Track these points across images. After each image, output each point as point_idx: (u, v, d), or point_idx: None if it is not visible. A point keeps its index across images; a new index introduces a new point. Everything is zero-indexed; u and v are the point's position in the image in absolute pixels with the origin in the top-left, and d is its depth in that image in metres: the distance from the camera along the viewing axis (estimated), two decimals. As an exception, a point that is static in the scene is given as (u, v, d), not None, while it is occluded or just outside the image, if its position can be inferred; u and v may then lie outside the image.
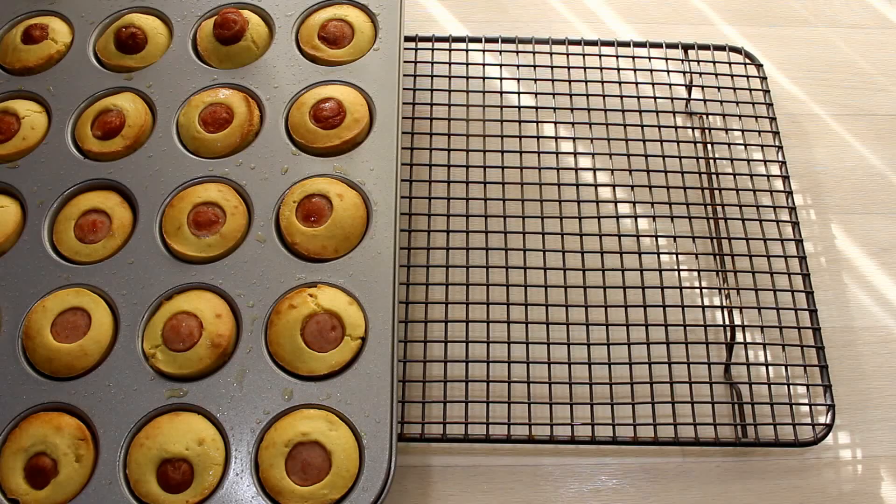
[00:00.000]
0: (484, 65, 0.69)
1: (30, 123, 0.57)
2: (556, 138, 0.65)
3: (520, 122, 0.66)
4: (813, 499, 0.54)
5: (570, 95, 0.67)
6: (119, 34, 0.61)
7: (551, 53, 0.69)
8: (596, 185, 0.63)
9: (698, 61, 0.69)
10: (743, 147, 0.66)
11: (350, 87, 0.59)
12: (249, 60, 0.60)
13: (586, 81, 0.67)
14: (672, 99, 0.67)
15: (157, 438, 0.46)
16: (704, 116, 0.67)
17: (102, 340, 0.49)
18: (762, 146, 0.66)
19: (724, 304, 0.59)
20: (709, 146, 0.66)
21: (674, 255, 0.60)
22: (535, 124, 0.66)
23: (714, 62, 0.69)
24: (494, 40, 0.69)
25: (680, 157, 0.64)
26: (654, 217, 0.62)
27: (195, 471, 0.46)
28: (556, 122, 0.66)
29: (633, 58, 0.69)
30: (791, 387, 0.56)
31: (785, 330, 0.58)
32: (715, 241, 0.62)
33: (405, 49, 0.62)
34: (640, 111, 0.66)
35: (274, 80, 0.59)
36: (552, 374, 0.56)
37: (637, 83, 0.68)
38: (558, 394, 0.55)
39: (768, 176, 0.64)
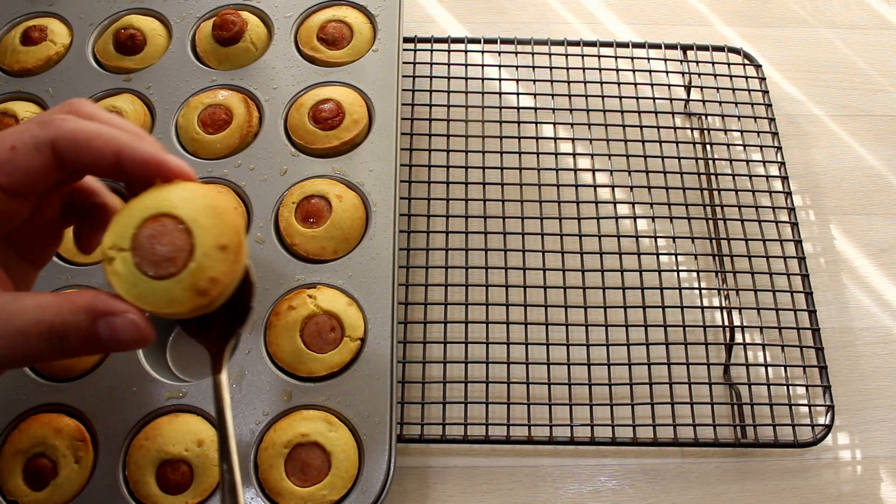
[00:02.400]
0: (483, 66, 0.69)
1: (29, 125, 0.57)
2: (555, 139, 0.65)
3: (519, 122, 0.66)
4: (812, 499, 0.54)
5: (569, 96, 0.67)
6: (118, 35, 0.61)
7: (550, 54, 0.69)
8: (595, 186, 0.63)
9: (697, 62, 0.69)
10: (742, 148, 0.66)
11: (349, 88, 0.59)
12: (248, 61, 0.61)
13: (585, 82, 0.67)
14: (671, 100, 0.67)
15: (156, 440, 0.46)
16: (703, 117, 0.68)
17: (101, 342, 0.49)
18: (761, 147, 0.66)
19: (724, 304, 0.59)
20: (708, 147, 0.66)
21: (673, 256, 0.60)
22: (534, 125, 0.66)
23: (713, 63, 0.69)
24: (493, 41, 0.69)
25: (679, 158, 0.64)
26: (653, 218, 0.62)
27: (195, 472, 0.46)
28: (554, 123, 0.66)
29: (632, 59, 0.69)
30: (790, 387, 0.56)
31: (784, 331, 0.58)
32: (714, 241, 0.62)
33: (404, 50, 0.62)
34: (639, 112, 0.66)
35: (273, 82, 0.59)
36: (551, 374, 0.56)
37: (636, 84, 0.68)
38: (557, 395, 0.55)
39: (767, 176, 0.64)
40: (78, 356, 0.30)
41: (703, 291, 0.60)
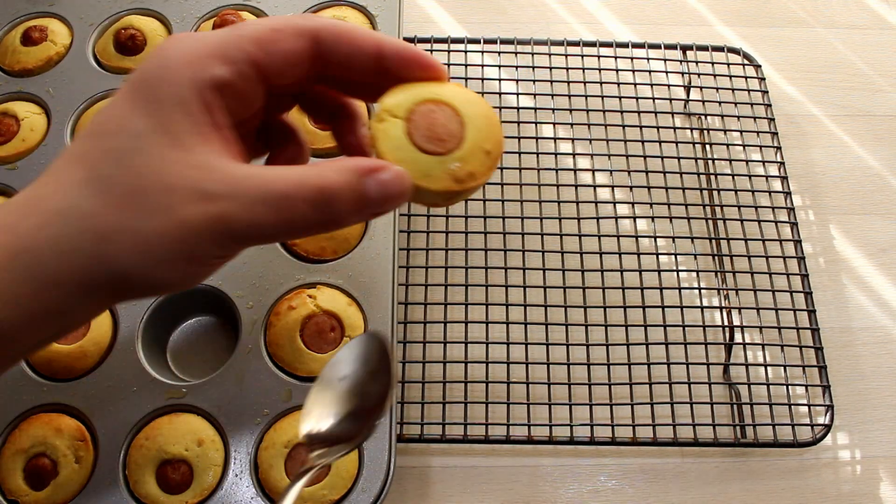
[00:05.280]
0: (482, 66, 0.69)
1: (29, 125, 0.57)
2: (554, 139, 0.65)
3: (518, 123, 0.66)
4: (811, 499, 0.54)
5: (569, 96, 0.67)
6: (118, 36, 0.61)
7: (550, 54, 0.69)
8: (595, 186, 0.63)
9: (697, 62, 0.69)
10: (741, 148, 0.66)
11: (349, 88, 0.59)
12: (248, 62, 0.60)
13: (585, 82, 0.67)
14: (670, 100, 0.68)
15: (156, 439, 0.46)
16: (703, 117, 0.68)
17: (102, 342, 0.49)
18: (761, 147, 0.66)
19: (723, 304, 0.59)
20: (707, 147, 0.66)
21: (672, 256, 0.60)
22: (533, 125, 0.66)
23: (712, 63, 0.69)
24: (493, 41, 0.69)
25: (678, 158, 0.64)
26: (652, 218, 0.62)
27: (195, 472, 0.46)
28: (554, 123, 0.66)
29: (632, 59, 0.69)
30: (790, 387, 0.56)
31: (784, 330, 0.58)
32: (714, 241, 0.62)
33: (404, 50, 0.62)
34: (639, 112, 0.66)
35: (273, 82, 0.59)
36: (551, 374, 0.56)
37: (635, 84, 0.68)
38: (557, 394, 0.56)
39: (767, 176, 0.64)
40: (340, 226, 0.28)
41: (702, 291, 0.60)
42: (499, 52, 0.69)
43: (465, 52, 0.69)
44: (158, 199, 0.25)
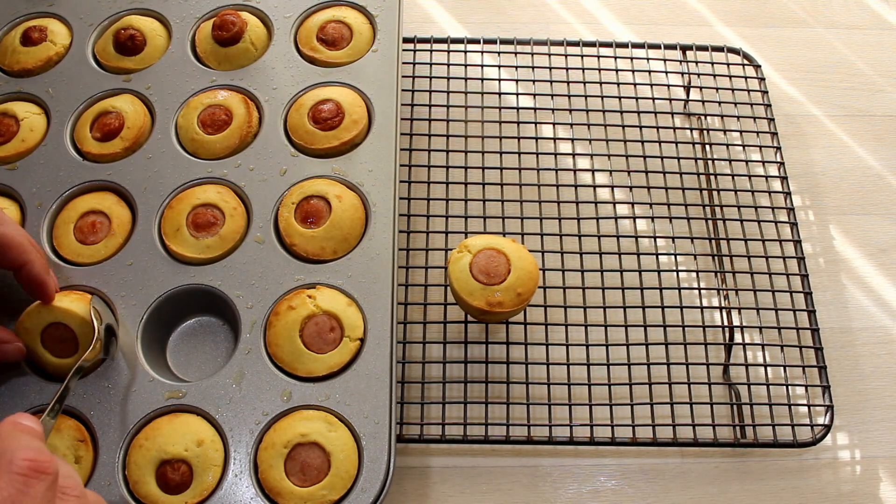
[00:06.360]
0: (482, 66, 0.69)
1: (29, 125, 0.57)
2: (554, 139, 0.65)
3: (518, 123, 0.66)
4: (811, 499, 0.54)
5: (569, 96, 0.67)
6: (118, 36, 0.61)
7: (549, 55, 0.69)
8: (594, 186, 0.63)
9: (696, 62, 0.69)
10: (741, 148, 0.66)
11: (349, 88, 0.59)
12: (248, 62, 0.61)
13: (585, 83, 0.68)
14: (670, 100, 0.68)
15: (156, 440, 0.46)
16: (703, 117, 0.68)
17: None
18: (760, 147, 0.66)
19: (723, 304, 0.59)
20: (707, 147, 0.66)
21: (672, 256, 0.60)
22: (533, 125, 0.66)
23: (712, 63, 0.69)
24: (493, 41, 0.69)
25: (678, 158, 0.64)
26: (652, 218, 0.62)
27: (194, 472, 0.46)
28: (554, 123, 0.66)
29: (632, 59, 0.69)
30: (790, 387, 0.56)
31: (783, 331, 0.58)
32: (713, 241, 0.62)
33: (404, 50, 0.62)
34: (639, 112, 0.66)
35: (273, 82, 0.59)
36: (550, 374, 0.56)
37: (635, 84, 0.68)
38: (557, 395, 0.56)
39: (767, 177, 0.64)
40: None
41: (702, 291, 0.60)
42: (499, 52, 0.69)
43: (465, 52, 0.69)
44: None
